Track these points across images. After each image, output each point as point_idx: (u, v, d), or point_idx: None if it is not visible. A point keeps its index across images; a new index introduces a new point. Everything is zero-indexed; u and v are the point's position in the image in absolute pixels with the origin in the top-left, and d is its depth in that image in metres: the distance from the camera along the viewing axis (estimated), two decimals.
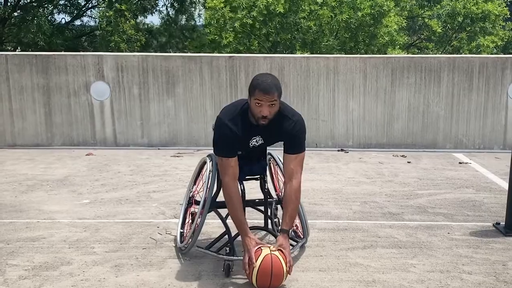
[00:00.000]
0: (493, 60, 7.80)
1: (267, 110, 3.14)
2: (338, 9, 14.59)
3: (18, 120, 7.77)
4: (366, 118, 7.80)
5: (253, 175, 3.67)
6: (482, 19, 17.99)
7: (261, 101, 3.11)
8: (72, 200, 5.15)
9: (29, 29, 16.70)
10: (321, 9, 14.39)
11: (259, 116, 3.16)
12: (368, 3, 14.70)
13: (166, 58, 7.86)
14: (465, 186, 5.75)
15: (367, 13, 14.57)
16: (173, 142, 7.84)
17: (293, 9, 14.44)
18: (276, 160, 3.84)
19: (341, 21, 14.52)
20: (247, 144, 3.38)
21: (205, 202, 3.49)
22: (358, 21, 14.68)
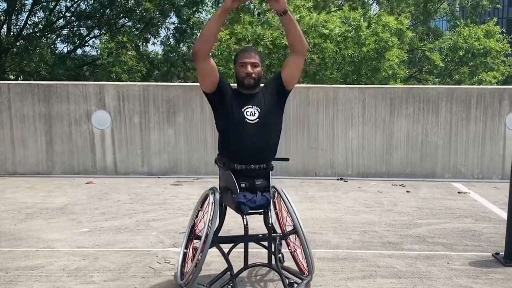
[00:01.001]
0: (491, 91, 7.89)
1: (250, 69, 3.36)
2: (343, 44, 14.82)
3: (19, 149, 7.80)
4: (365, 147, 7.85)
5: (257, 208, 3.48)
6: (484, 55, 18.26)
7: (244, 62, 3.37)
8: (71, 228, 5.15)
9: (31, 58, 16.89)
10: (324, 43, 14.60)
11: (244, 76, 3.37)
12: (373, 38, 14.95)
13: (167, 88, 7.94)
14: (464, 216, 5.75)
15: (371, 49, 14.83)
16: (173, 171, 7.86)
17: None
18: (281, 194, 3.70)
19: (346, 56, 14.74)
20: (241, 110, 3.39)
21: (207, 237, 3.38)
22: (361, 55, 14.91)
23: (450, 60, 19.14)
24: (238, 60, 3.41)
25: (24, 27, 18.93)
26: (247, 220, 3.41)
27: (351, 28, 15.03)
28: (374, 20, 16.24)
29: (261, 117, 3.40)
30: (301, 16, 14.45)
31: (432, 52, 19.32)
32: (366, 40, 14.89)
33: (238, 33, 14.85)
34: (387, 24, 15.37)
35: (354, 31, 15.01)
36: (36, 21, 19.15)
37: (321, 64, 14.90)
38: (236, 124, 3.39)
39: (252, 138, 3.39)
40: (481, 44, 18.22)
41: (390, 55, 15.32)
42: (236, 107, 3.40)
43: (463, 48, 18.46)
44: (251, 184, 3.41)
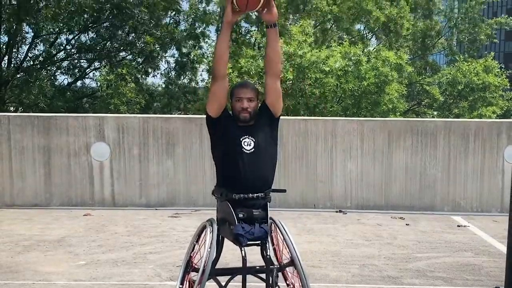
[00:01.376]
0: (489, 124, 7.93)
1: (246, 103, 3.41)
2: (343, 78, 15.00)
3: (18, 181, 7.79)
4: (364, 179, 7.84)
5: (255, 240, 3.47)
6: (483, 89, 18.47)
7: (240, 96, 3.42)
8: (68, 261, 5.11)
9: (31, 91, 17.00)
10: (326, 77, 14.77)
11: (239, 110, 3.41)
12: (373, 73, 15.15)
13: (167, 120, 7.99)
14: (464, 250, 5.72)
15: (371, 83, 15.01)
16: (171, 203, 7.84)
17: (300, 77, 14.82)
18: (278, 226, 3.65)
19: (347, 90, 14.91)
20: (240, 140, 3.43)
21: (204, 269, 3.33)
22: (362, 89, 15.08)
23: (449, 94, 19.33)
24: (234, 94, 3.47)
25: (25, 60, 19.12)
26: (245, 252, 3.38)
27: (351, 63, 15.23)
28: (373, 54, 16.49)
29: (256, 147, 3.46)
30: (303, 52, 14.64)
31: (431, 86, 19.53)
32: (366, 74, 15.08)
33: (243, 67, 15.04)
34: (387, 58, 15.60)
35: (354, 66, 15.21)
36: (36, 54, 19.35)
37: (321, 97, 15.05)
38: (234, 153, 3.44)
39: (249, 167, 3.43)
40: (480, 78, 18.43)
41: (390, 89, 15.49)
42: (234, 136, 3.46)
43: (462, 82, 18.65)
44: (249, 214, 3.41)
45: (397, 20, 18.51)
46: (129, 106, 16.92)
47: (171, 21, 19.81)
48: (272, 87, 3.54)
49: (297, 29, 15.53)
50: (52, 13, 15.35)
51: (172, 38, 19.15)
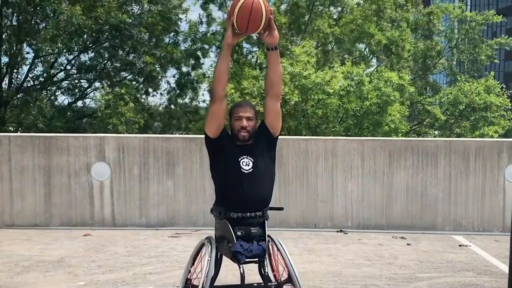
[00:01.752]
0: (490, 144, 7.94)
1: (245, 122, 3.46)
2: (346, 98, 15.08)
3: (18, 201, 7.78)
4: (364, 199, 7.83)
5: (253, 257, 3.54)
6: (484, 109, 18.55)
7: (239, 116, 3.47)
8: (67, 282, 5.08)
9: (30, 111, 17.07)
10: (328, 98, 14.85)
11: (238, 129, 3.47)
12: (375, 93, 15.23)
13: (167, 140, 8.00)
14: (466, 270, 5.68)
15: (373, 103, 15.08)
16: (171, 223, 7.81)
17: (303, 98, 14.90)
18: (276, 244, 3.70)
19: (349, 109, 14.98)
20: (238, 160, 3.47)
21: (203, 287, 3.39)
22: (364, 109, 15.15)
23: (450, 114, 19.38)
24: (233, 113, 3.52)
25: (25, 80, 19.23)
26: (243, 269, 3.42)
27: (353, 83, 15.31)
28: (375, 75, 16.60)
29: (254, 167, 3.49)
30: (308, 73, 14.73)
31: (433, 106, 19.59)
32: (368, 94, 15.15)
33: (246, 88, 15.13)
34: (389, 79, 15.70)
35: (357, 86, 15.29)
36: (36, 74, 19.47)
37: (323, 117, 15.11)
38: (232, 173, 3.48)
39: (247, 187, 3.47)
40: (481, 98, 18.50)
41: (392, 110, 15.56)
42: (233, 157, 3.49)
43: (463, 102, 18.72)
44: (247, 232, 3.45)
45: (399, 43, 18.66)
46: (128, 126, 16.97)
47: (170, 41, 19.96)
48: (272, 108, 3.58)
49: (299, 50, 15.64)
50: (51, 35, 15.47)
51: (171, 59, 19.29)
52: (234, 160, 3.48)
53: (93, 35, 17.56)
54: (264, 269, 3.56)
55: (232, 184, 3.48)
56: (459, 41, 23.69)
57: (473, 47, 23.39)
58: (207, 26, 21.04)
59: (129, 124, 17.05)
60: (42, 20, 16.93)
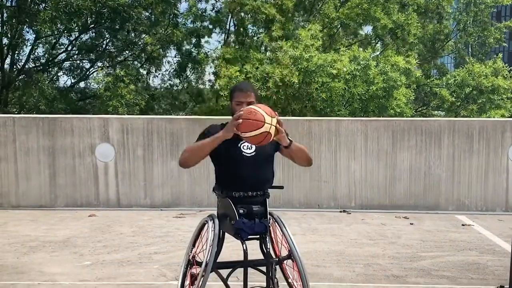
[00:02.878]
0: (493, 124, 7.92)
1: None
2: (352, 82, 15.02)
3: (23, 182, 7.83)
4: (368, 179, 7.84)
5: (255, 234, 3.65)
6: (491, 92, 18.44)
7: (240, 100, 3.43)
8: (73, 261, 5.13)
9: (31, 93, 17.05)
10: (332, 82, 14.80)
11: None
12: (381, 77, 15.15)
13: (171, 121, 8.01)
14: (469, 249, 5.72)
15: (379, 87, 15.02)
16: (176, 203, 7.86)
17: (306, 81, 14.84)
18: (277, 221, 3.80)
19: (355, 94, 14.94)
20: (238, 146, 3.49)
21: (207, 265, 3.47)
22: (370, 93, 15.10)
23: (456, 96, 19.26)
24: (234, 98, 3.50)
25: (27, 62, 19.18)
26: (246, 246, 3.50)
27: (360, 67, 15.24)
28: (382, 59, 16.49)
29: (257, 150, 3.52)
30: (310, 56, 14.66)
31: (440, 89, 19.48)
32: (375, 78, 15.08)
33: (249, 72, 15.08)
34: (396, 63, 15.60)
35: (362, 70, 15.21)
36: (38, 56, 19.41)
37: (328, 101, 15.07)
38: (234, 159, 3.51)
39: (249, 170, 3.51)
40: (489, 81, 18.37)
41: (398, 94, 15.50)
42: (233, 143, 3.48)
43: (470, 85, 18.59)
44: (249, 210, 3.51)
45: (405, 27, 18.48)
46: (128, 108, 16.93)
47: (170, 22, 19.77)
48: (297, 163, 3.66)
49: (305, 33, 15.53)
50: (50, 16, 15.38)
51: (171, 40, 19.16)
52: (234, 145, 3.49)
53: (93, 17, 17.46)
54: (265, 246, 3.65)
55: (233, 168, 3.52)
56: (467, 23, 23.42)
57: (481, 30, 23.16)
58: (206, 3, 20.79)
59: (129, 106, 17.01)
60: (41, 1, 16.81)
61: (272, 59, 15.68)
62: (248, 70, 15.15)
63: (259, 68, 15.19)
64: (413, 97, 17.22)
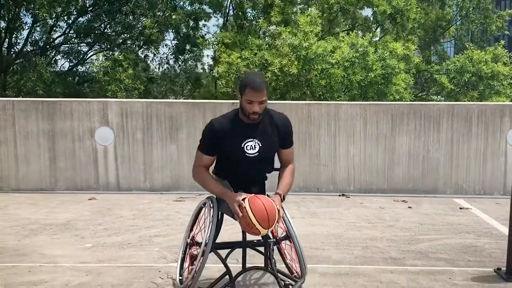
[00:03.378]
0: (492, 107, 7.93)
1: (257, 107, 3.39)
2: (351, 70, 15.00)
3: (23, 165, 7.85)
4: (367, 163, 7.88)
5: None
6: (491, 78, 18.40)
7: (252, 99, 3.36)
8: (74, 244, 5.17)
9: (29, 77, 17.00)
10: (332, 68, 14.78)
11: (250, 112, 3.39)
12: (380, 64, 15.12)
13: (170, 105, 8.01)
14: (466, 232, 5.76)
15: (378, 74, 15.00)
16: (176, 187, 7.89)
17: (305, 68, 14.82)
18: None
19: (354, 81, 14.93)
20: (241, 146, 3.47)
21: (206, 244, 3.52)
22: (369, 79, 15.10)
23: (456, 83, 19.22)
24: (245, 94, 3.38)
25: (25, 46, 19.09)
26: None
27: (358, 54, 15.21)
28: (380, 45, 16.46)
29: (261, 151, 3.52)
30: (309, 44, 14.61)
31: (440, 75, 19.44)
32: (373, 65, 15.06)
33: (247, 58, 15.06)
34: (394, 50, 15.57)
35: (361, 56, 15.18)
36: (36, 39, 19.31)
37: (327, 87, 15.08)
38: (236, 160, 3.52)
39: (250, 169, 3.55)
40: (488, 67, 18.32)
41: (397, 80, 15.50)
42: (237, 143, 3.48)
43: (470, 71, 18.54)
44: (247, 190, 3.53)
45: (404, 12, 18.38)
46: (127, 92, 16.91)
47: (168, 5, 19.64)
48: None
49: (304, 19, 15.46)
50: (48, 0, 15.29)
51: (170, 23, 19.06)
52: (238, 145, 3.48)
53: None
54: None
55: (234, 167, 3.55)
56: (470, 10, 23.28)
57: (483, 17, 23.02)
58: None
59: (128, 91, 16.99)
60: None
61: (271, 45, 15.64)
62: (247, 57, 15.13)
63: (258, 54, 15.17)
64: (412, 82, 17.22)
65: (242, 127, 3.47)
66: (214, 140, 3.48)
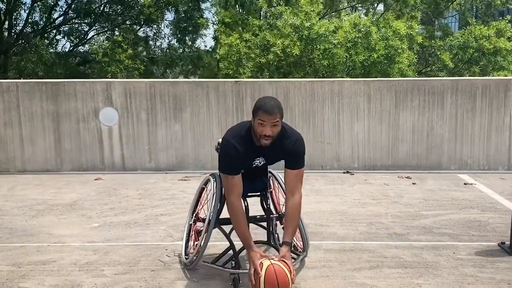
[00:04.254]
0: (496, 82, 7.89)
1: (269, 130, 3.29)
2: (353, 50, 14.88)
3: (28, 146, 7.89)
4: (371, 140, 7.88)
5: (256, 191, 3.84)
6: (494, 54, 18.24)
7: (264, 122, 3.27)
8: (81, 224, 5.23)
9: (29, 59, 16.94)
10: (335, 48, 14.66)
11: (261, 135, 3.31)
12: (382, 44, 14.98)
13: (174, 84, 8.00)
14: (470, 207, 5.79)
15: (381, 54, 14.88)
16: (181, 166, 7.93)
17: (308, 49, 14.72)
18: (276, 177, 4.02)
19: (357, 62, 14.83)
20: (250, 164, 3.54)
21: (210, 221, 3.58)
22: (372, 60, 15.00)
23: (459, 59, 19.06)
24: (257, 115, 3.30)
25: (25, 27, 19.00)
26: (247, 202, 3.68)
27: (361, 34, 15.08)
28: (382, 24, 16.29)
29: (267, 161, 3.64)
30: (311, 23, 14.47)
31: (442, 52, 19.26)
32: (376, 45, 14.94)
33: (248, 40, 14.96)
34: (397, 30, 15.42)
35: (364, 36, 15.06)
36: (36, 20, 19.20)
37: (330, 66, 15.00)
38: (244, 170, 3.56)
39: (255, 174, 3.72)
40: (491, 43, 18.14)
41: (400, 57, 15.40)
42: (247, 163, 3.54)
43: (473, 47, 18.36)
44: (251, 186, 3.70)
45: None
46: (128, 73, 16.85)
47: None
48: None
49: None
50: None
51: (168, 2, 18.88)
52: (247, 164, 3.54)
53: None
54: (266, 202, 3.84)
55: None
56: None
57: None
58: None
59: (128, 71, 16.93)
60: None
61: (272, 25, 15.52)
62: (248, 39, 15.04)
63: (259, 36, 15.07)
64: (415, 60, 17.10)
65: (254, 149, 3.44)
66: (235, 160, 3.40)
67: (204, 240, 3.61)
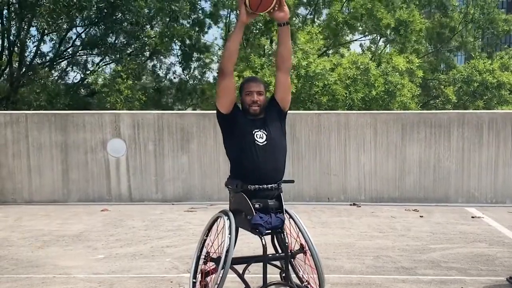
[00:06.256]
0: (502, 115, 7.91)
1: (256, 97, 3.53)
2: (352, 87, 14.98)
3: (36, 177, 7.94)
4: (377, 172, 7.87)
5: (272, 229, 3.62)
6: (498, 88, 18.30)
7: (251, 90, 3.54)
8: (87, 255, 5.22)
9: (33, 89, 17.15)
10: (334, 84, 14.77)
11: (250, 103, 3.53)
12: (382, 80, 15.07)
13: (181, 116, 8.07)
14: (478, 241, 5.74)
15: (381, 90, 14.96)
16: (187, 197, 7.94)
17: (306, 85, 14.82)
18: (291, 215, 3.77)
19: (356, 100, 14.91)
20: (252, 134, 3.54)
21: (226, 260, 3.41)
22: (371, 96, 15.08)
23: (463, 93, 19.13)
24: (244, 89, 3.59)
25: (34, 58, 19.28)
26: (265, 241, 3.50)
27: (359, 72, 15.21)
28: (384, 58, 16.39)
29: (268, 139, 3.57)
30: (309, 62, 14.61)
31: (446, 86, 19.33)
32: (376, 81, 15.04)
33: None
34: (396, 66, 15.53)
35: (363, 73, 15.18)
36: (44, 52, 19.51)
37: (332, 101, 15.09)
38: (248, 146, 3.54)
39: (263, 159, 3.54)
40: (495, 77, 18.22)
41: (401, 92, 15.46)
42: (247, 130, 3.56)
43: (477, 81, 18.44)
44: (264, 205, 3.52)
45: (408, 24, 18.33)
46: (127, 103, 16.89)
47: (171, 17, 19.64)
48: (282, 82, 3.65)
49: (304, 37, 15.49)
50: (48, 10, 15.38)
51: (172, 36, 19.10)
52: (248, 132, 3.54)
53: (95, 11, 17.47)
54: (284, 239, 3.64)
55: (247, 157, 3.54)
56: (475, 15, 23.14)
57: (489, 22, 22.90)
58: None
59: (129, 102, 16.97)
60: None
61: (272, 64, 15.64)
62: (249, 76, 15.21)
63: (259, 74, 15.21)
64: (418, 92, 17.15)
65: (250, 120, 3.59)
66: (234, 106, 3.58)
67: (220, 281, 3.41)
